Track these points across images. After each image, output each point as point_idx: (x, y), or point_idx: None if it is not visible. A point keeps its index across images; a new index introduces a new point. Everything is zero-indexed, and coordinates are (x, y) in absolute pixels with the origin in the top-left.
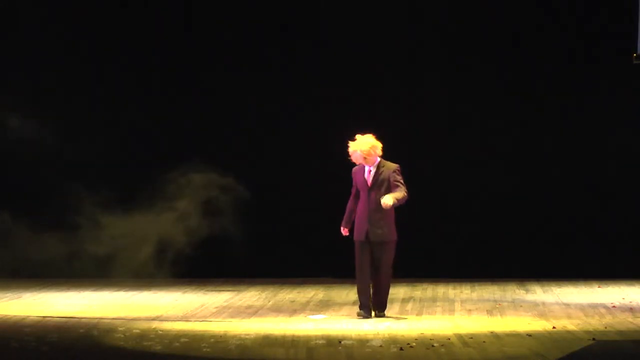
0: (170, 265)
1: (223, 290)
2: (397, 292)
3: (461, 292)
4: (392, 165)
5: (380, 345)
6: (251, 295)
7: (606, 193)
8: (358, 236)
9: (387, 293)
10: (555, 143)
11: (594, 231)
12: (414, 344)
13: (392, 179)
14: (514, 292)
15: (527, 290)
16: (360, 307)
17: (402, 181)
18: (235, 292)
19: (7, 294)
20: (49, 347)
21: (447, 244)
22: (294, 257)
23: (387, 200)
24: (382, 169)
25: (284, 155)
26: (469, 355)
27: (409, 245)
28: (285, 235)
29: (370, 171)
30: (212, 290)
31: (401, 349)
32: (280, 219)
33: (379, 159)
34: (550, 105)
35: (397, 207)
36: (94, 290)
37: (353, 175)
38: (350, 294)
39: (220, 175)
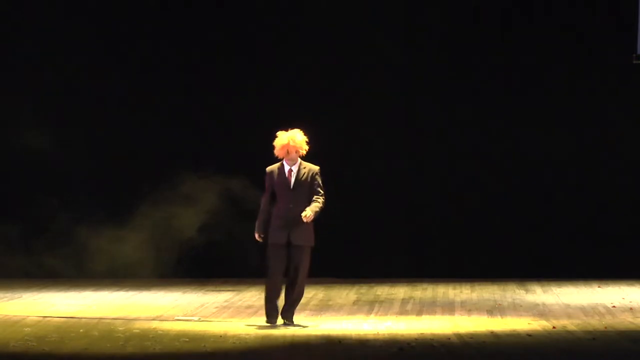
0: (171, 266)
1: (223, 290)
2: (397, 292)
3: (461, 292)
4: (315, 167)
5: (380, 346)
6: (251, 295)
7: (606, 193)
8: (277, 239)
9: (299, 302)
10: (555, 143)
11: (594, 231)
12: (414, 344)
13: (314, 183)
14: (514, 292)
15: (527, 290)
16: (269, 315)
17: (322, 185)
18: (235, 292)
19: (7, 294)
20: (49, 347)
21: (447, 244)
22: None
23: (309, 213)
24: (303, 170)
25: None
26: (469, 355)
27: (409, 246)
28: None
29: (291, 171)
30: (212, 291)
31: (401, 349)
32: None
33: (299, 159)
34: (550, 105)
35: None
36: (94, 290)
37: (269, 176)
38: (350, 294)
39: (220, 176)
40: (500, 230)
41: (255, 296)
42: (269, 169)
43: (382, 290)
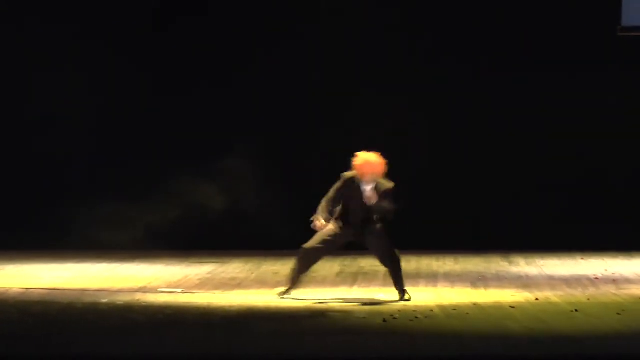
0: (154, 238)
1: (206, 262)
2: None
3: (445, 264)
4: (388, 184)
5: (364, 317)
6: (235, 267)
7: (590, 165)
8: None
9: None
10: (539, 115)
11: (578, 203)
12: (398, 315)
13: (385, 198)
14: (497, 264)
15: (510, 263)
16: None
17: (391, 200)
18: (219, 264)
19: None
20: (32, 318)
21: (431, 216)
22: (278, 229)
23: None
24: (377, 189)
25: (272, 133)
26: (453, 327)
27: (394, 218)
28: (269, 208)
29: (364, 190)
30: (195, 262)
31: (384, 320)
32: (264, 191)
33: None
34: (534, 77)
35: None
36: (77, 262)
37: (344, 183)
38: (334, 266)
39: (209, 145)
40: (484, 203)
41: (238, 268)
42: (347, 175)
43: (366, 263)
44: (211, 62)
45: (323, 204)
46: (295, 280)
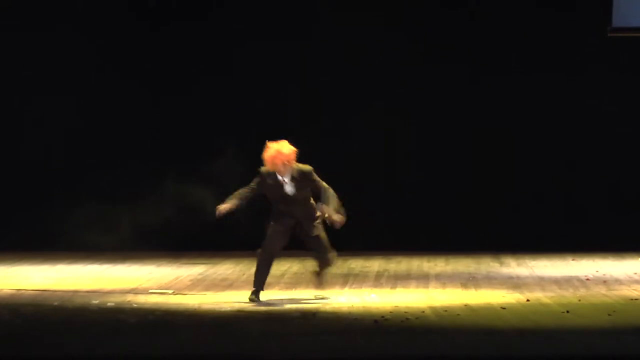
0: (145, 239)
1: (197, 263)
2: (372, 265)
3: (436, 265)
4: (306, 168)
5: (355, 318)
6: (226, 268)
7: (581, 167)
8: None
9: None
10: (529, 116)
11: (568, 204)
12: (389, 316)
13: (314, 183)
14: (488, 265)
15: (501, 264)
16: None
17: (321, 181)
18: (210, 265)
19: None
20: (23, 319)
21: (422, 217)
22: None
23: (337, 218)
24: (296, 176)
25: (267, 134)
26: (443, 328)
27: (384, 219)
28: (260, 209)
29: (284, 181)
30: (186, 263)
31: (375, 321)
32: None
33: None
34: (524, 79)
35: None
36: (68, 264)
37: (261, 179)
38: None
39: (201, 146)
40: (475, 204)
41: (229, 269)
42: (263, 169)
43: (357, 263)
44: (207, 63)
45: (234, 194)
46: (263, 281)
